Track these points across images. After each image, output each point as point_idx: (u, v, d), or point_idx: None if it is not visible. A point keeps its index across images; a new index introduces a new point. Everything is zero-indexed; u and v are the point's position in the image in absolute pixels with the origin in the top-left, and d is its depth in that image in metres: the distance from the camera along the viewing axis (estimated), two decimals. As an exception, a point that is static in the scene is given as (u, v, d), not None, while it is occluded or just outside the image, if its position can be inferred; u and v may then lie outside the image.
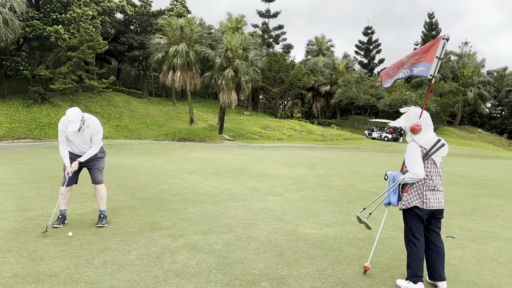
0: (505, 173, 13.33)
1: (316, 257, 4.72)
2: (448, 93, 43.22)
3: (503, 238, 5.77)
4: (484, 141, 44.98)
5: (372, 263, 4.56)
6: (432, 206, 3.84)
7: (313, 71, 51.57)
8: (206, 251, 4.81)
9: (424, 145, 3.89)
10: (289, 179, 10.85)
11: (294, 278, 4.07)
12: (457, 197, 8.82)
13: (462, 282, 4.13)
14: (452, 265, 4.61)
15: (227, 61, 30.89)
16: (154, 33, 37.72)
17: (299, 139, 34.99)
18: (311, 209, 7.29)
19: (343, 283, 4.00)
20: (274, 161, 15.25)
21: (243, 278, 4.05)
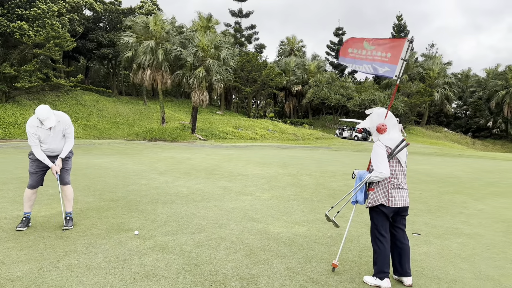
0: (469, 171, 13.83)
1: (286, 255, 4.75)
2: (416, 93, 44.48)
3: (466, 234, 5.98)
4: (450, 140, 46.54)
5: (341, 260, 4.63)
6: (397, 204, 3.94)
7: (285, 71, 51.94)
8: (175, 252, 4.76)
9: (389, 144, 3.99)
10: (261, 178, 10.87)
11: (264, 277, 4.08)
12: (423, 194, 9.09)
13: (426, 277, 4.26)
14: (417, 261, 4.74)
15: (199, 60, 30.67)
16: (124, 30, 37.01)
17: (272, 139, 35.14)
18: (282, 208, 7.34)
19: (312, 281, 4.05)
20: (247, 160, 15.26)
21: (212, 278, 4.03)
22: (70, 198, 5.73)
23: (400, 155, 3.98)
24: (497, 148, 46.91)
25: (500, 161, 20.03)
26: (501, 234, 5.99)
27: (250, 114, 47.12)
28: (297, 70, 52.06)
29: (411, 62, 51.24)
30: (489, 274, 4.38)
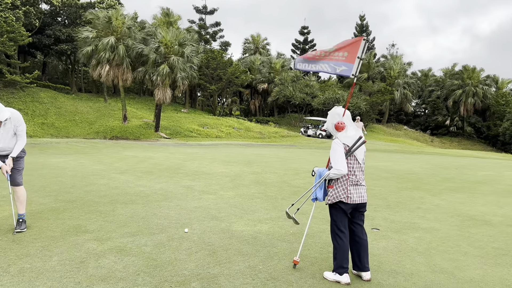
0: (427, 167, 14.34)
1: (248, 254, 4.73)
2: (377, 92, 45.70)
3: (422, 228, 6.18)
4: (409, 138, 48.16)
5: (302, 257, 4.66)
6: (355, 200, 4.01)
7: (250, 69, 52.00)
8: (134, 253, 4.63)
9: (346, 142, 4.05)
10: (226, 177, 10.81)
11: (225, 276, 4.05)
12: (382, 190, 9.33)
13: (384, 271, 4.35)
14: (376, 255, 4.85)
15: (162, 57, 30.13)
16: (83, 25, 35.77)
17: (237, 137, 35.09)
18: (246, 206, 7.32)
19: (274, 278, 4.05)
20: (211, 159, 15.14)
21: (172, 279, 3.95)
22: (23, 200, 5.47)
23: (357, 152, 4.05)
24: (454, 145, 49.01)
25: (456, 157, 20.92)
26: (455, 228, 6.23)
27: (216, 112, 46.85)
28: (263, 68, 52.24)
29: (372, 62, 52.60)
30: (443, 267, 4.53)
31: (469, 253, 5.04)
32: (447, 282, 4.11)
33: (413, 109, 59.96)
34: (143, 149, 19.78)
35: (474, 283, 4.10)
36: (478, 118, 54.58)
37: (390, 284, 4.01)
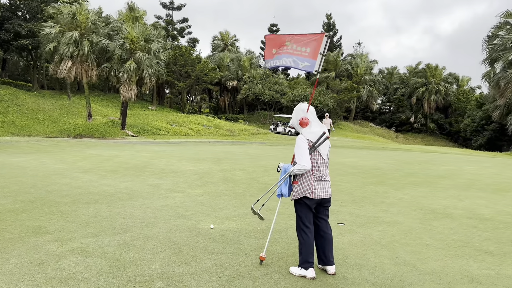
0: (391, 162, 14.71)
1: (215, 251, 4.69)
2: (344, 90, 46.49)
3: (386, 222, 6.32)
4: (375, 134, 49.33)
5: (268, 252, 4.66)
6: (320, 195, 4.05)
7: (219, 66, 51.69)
8: (97, 254, 4.50)
9: (310, 138, 4.08)
10: (194, 174, 10.70)
11: (191, 275, 3.99)
12: (348, 186, 9.49)
13: (349, 265, 4.42)
14: (341, 249, 4.91)
15: (128, 53, 29.45)
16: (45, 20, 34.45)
17: (207, 134, 34.83)
18: (214, 203, 7.26)
19: (240, 275, 4.03)
20: (179, 156, 14.94)
21: (136, 279, 3.86)
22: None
23: (321, 148, 4.09)
24: (418, 141, 50.58)
25: (419, 153, 21.56)
26: (418, 221, 6.41)
27: (185, 110, 46.31)
28: (232, 66, 52.06)
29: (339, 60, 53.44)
30: (406, 259, 4.65)
31: (431, 245, 5.19)
32: (409, 274, 4.21)
33: (379, 106, 61.41)
34: (108, 147, 19.29)
35: (435, 274, 4.22)
36: (440, 115, 56.55)
37: (355, 278, 4.07)
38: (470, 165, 14.64)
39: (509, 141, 37.86)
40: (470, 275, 4.22)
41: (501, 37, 31.20)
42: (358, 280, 4.00)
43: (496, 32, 31.41)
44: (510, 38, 30.36)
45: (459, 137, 51.14)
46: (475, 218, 6.67)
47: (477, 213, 7.06)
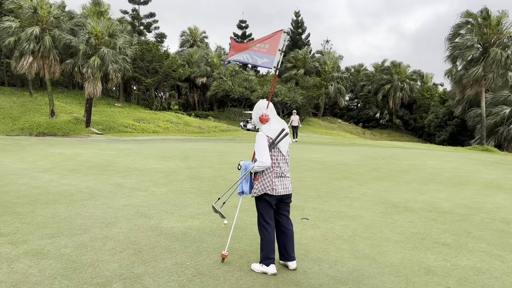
0: (357, 158, 14.98)
1: (177, 250, 4.62)
2: (313, 87, 46.99)
3: (349, 216, 6.42)
4: (343, 130, 50.19)
5: (231, 250, 4.63)
6: (280, 192, 4.06)
7: (188, 62, 51.10)
8: (52, 256, 4.34)
9: (270, 134, 4.08)
10: (160, 172, 10.52)
11: (150, 275, 3.91)
12: (314, 181, 9.59)
13: (310, 260, 4.45)
14: (303, 244, 4.95)
15: (93, 48, 28.63)
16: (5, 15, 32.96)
17: (175, 132, 34.38)
18: (178, 202, 7.16)
19: (200, 273, 3.98)
20: (146, 154, 14.67)
21: (92, 281, 3.74)
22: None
23: (281, 144, 4.09)
24: (384, 137, 51.82)
25: (384, 148, 22.08)
26: (379, 215, 6.54)
27: (153, 107, 45.52)
28: (201, 62, 51.58)
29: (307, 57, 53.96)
30: (366, 253, 4.73)
31: (391, 239, 5.31)
32: (368, 267, 4.29)
33: (347, 103, 62.50)
34: (71, 145, 18.71)
35: (394, 267, 4.31)
36: (405, 111, 58.14)
37: (315, 272, 4.11)
38: (432, 160, 15.11)
39: (471, 136, 39.38)
40: (427, 267, 4.33)
41: (461, 36, 32.34)
42: (318, 275, 4.04)
43: (457, 31, 32.53)
44: (470, 37, 31.51)
45: (423, 132, 52.74)
46: (434, 211, 6.87)
47: (436, 206, 7.29)
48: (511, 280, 4.01)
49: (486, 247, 5.00)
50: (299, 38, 59.82)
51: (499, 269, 4.28)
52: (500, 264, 4.43)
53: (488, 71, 30.62)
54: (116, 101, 45.07)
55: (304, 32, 60.97)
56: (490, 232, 5.66)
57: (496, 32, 31.13)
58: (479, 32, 31.48)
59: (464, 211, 6.92)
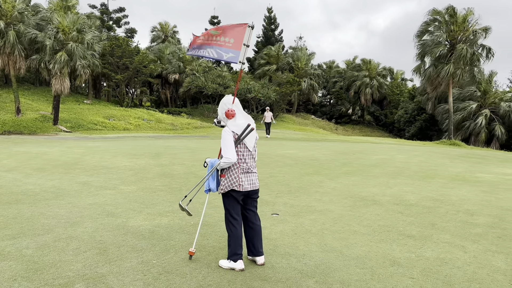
0: (328, 153, 15.17)
1: (143, 249, 4.54)
2: (286, 83, 47.19)
3: (318, 210, 6.48)
4: (317, 126, 50.69)
5: (200, 247, 4.59)
6: (247, 188, 4.05)
7: (160, 58, 50.32)
8: (13, 257, 4.18)
9: (235, 130, 4.06)
10: (129, 170, 10.33)
11: (115, 275, 3.82)
12: (286, 177, 9.63)
13: (279, 254, 4.46)
14: (272, 239, 4.96)
15: (60, 44, 27.77)
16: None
17: (147, 129, 33.84)
18: (147, 200, 7.04)
19: (167, 271, 3.92)
20: (115, 152, 14.37)
21: (54, 282, 3.63)
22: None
23: (247, 140, 4.08)
24: (356, 133, 52.66)
25: (355, 143, 22.45)
26: (348, 209, 6.63)
27: (124, 103, 44.64)
28: (173, 58, 50.88)
29: (281, 53, 54.13)
30: (333, 246, 4.78)
31: (358, 232, 5.39)
32: (335, 260, 4.33)
33: (320, 99, 63.12)
34: (38, 144, 18.12)
35: (360, 259, 4.38)
36: (376, 107, 59.26)
37: (283, 267, 4.12)
38: (401, 154, 15.47)
39: (439, 131, 40.54)
40: (392, 258, 4.42)
41: (430, 33, 33.21)
42: (286, 269, 4.05)
43: (425, 28, 33.37)
44: (438, 34, 32.39)
45: (393, 127, 53.92)
46: (401, 204, 7.03)
47: (403, 199, 7.46)
48: (472, 269, 4.14)
49: (449, 238, 5.15)
50: (272, 34, 59.91)
51: (461, 259, 4.42)
52: (463, 254, 4.57)
53: (456, 68, 31.57)
54: (85, 98, 43.95)
55: (277, 29, 61.12)
56: (454, 224, 5.84)
57: (463, 29, 32.13)
58: (446, 29, 32.42)
59: (430, 204, 7.11)
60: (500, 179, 9.99)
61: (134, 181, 8.81)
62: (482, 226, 5.73)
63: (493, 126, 34.04)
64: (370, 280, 3.83)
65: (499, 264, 4.27)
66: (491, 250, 4.71)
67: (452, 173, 10.72)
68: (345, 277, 3.90)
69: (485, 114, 34.25)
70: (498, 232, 5.45)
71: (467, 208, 6.82)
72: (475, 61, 31.79)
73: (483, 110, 34.93)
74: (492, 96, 35.85)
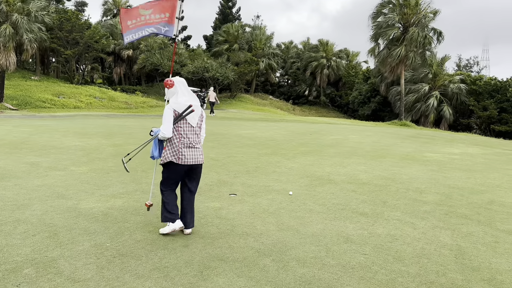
0: (286, 133, 15.33)
1: (96, 232, 4.40)
2: (244, 62, 46.85)
3: (275, 190, 6.55)
4: (274, 107, 50.98)
5: (155, 229, 4.52)
6: (188, 161, 4.25)
7: (112, 34, 48.17)
8: (-48, 244, 3.92)
9: (176, 108, 4.27)
10: (80, 150, 9.92)
11: (66, 258, 3.68)
12: (244, 157, 9.64)
13: (236, 234, 4.48)
14: (230, 219, 4.96)
15: (3, 16, 25.86)
16: None
17: (99, 107, 32.57)
18: (100, 181, 6.81)
19: (121, 254, 3.83)
20: (65, 131, 13.73)
21: (0, 268, 3.44)
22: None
23: (190, 118, 4.29)
24: (313, 113, 53.51)
25: (312, 124, 22.84)
26: (304, 188, 6.76)
27: (74, 80, 42.57)
28: (126, 34, 48.89)
29: (239, 32, 53.49)
30: (290, 225, 4.87)
31: (313, 210, 5.51)
32: (292, 238, 4.42)
33: (278, 79, 63.36)
34: (-20, 122, 16.96)
35: (315, 236, 4.49)
36: (332, 88, 60.32)
37: (240, 246, 4.14)
38: (354, 134, 15.92)
39: (391, 112, 42.02)
40: (345, 235, 4.57)
41: (384, 15, 33.95)
42: (243, 249, 4.08)
43: (380, 10, 34.06)
44: (391, 17, 33.19)
45: (348, 108, 55.27)
46: (354, 183, 7.25)
47: (356, 178, 7.70)
48: (421, 245, 4.36)
49: (400, 215, 5.39)
50: (230, 12, 58.98)
51: (411, 236, 4.64)
52: (412, 231, 4.80)
53: (408, 50, 32.60)
54: (32, 74, 41.47)
55: (235, 6, 60.19)
56: (404, 201, 6.11)
57: (415, 12, 33.09)
58: (399, 12, 33.24)
59: (381, 182, 7.39)
60: (447, 158, 10.55)
61: (86, 162, 8.48)
62: (430, 203, 6.04)
63: (442, 107, 35.75)
64: (325, 257, 3.94)
65: (445, 240, 4.53)
66: (438, 227, 4.98)
67: (402, 153, 11.18)
68: (301, 254, 3.98)
69: (436, 95, 35.84)
70: (445, 209, 5.77)
71: (416, 186, 7.15)
72: (426, 44, 32.96)
73: (433, 92, 36.51)
74: (442, 78, 37.47)
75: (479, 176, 8.24)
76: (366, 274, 3.61)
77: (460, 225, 5.07)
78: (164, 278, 3.40)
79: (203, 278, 3.42)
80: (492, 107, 33.33)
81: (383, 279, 3.52)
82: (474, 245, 4.40)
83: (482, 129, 34.06)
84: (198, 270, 3.56)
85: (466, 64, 66.31)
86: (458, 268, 3.79)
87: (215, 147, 11.00)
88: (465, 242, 4.49)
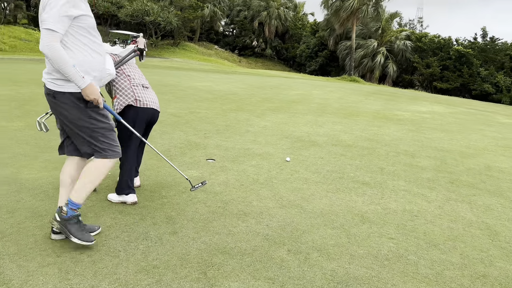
0: (244, 87, 14.32)
1: (48, 214, 3.34)
2: (188, 7, 43.91)
3: (258, 154, 5.71)
4: (220, 57, 49.03)
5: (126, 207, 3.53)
6: (148, 104, 3.56)
7: (38, -34, 42.58)
8: None
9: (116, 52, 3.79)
10: (11, 101, 8.31)
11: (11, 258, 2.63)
12: (208, 113, 8.62)
13: (232, 214, 3.62)
14: (218, 193, 4.08)
15: None
16: None
17: (26, 51, 29.06)
18: (42, 141, 5.58)
19: (89, 250, 2.84)
20: (-11, 77, 11.68)
21: None
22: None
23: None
24: (259, 66, 52.30)
25: (266, 77, 21.92)
26: (288, 152, 5.99)
27: (-6, 19, 37.47)
28: (55, -32, 43.43)
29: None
30: (290, 199, 4.09)
31: (309, 179, 4.77)
32: (299, 218, 3.65)
33: (223, 28, 60.73)
34: None
35: (326, 215, 3.75)
36: (279, 41, 59.09)
37: (243, 231, 3.30)
38: (316, 90, 15.31)
39: (337, 67, 42.07)
40: (359, 213, 3.88)
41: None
42: (247, 235, 3.24)
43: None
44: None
45: (294, 62, 54.69)
46: (339, 145, 6.61)
47: (339, 139, 7.06)
48: (446, 224, 3.79)
49: (405, 185, 4.82)
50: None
51: (429, 211, 4.07)
52: (427, 205, 4.24)
53: (361, 3, 32.08)
54: None
55: None
56: (401, 167, 5.57)
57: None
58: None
59: (367, 144, 6.82)
60: (418, 117, 10.28)
61: (20, 116, 7.02)
62: (429, 170, 5.55)
63: (387, 64, 36.26)
64: (348, 244, 3.23)
65: (468, 216, 4.01)
66: (452, 199, 4.47)
67: (372, 111, 10.75)
68: (319, 241, 3.24)
69: (383, 52, 36.15)
70: (447, 176, 5.30)
71: (404, 149, 6.67)
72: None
73: (380, 48, 36.78)
74: (389, 35, 37.75)
75: (460, 138, 7.99)
76: (406, 267, 2.95)
77: (472, 196, 4.60)
78: (156, 285, 2.49)
79: (209, 284, 2.55)
80: (435, 64, 34.29)
81: (429, 273, 2.89)
82: (501, 222, 3.92)
83: (424, 86, 35.22)
84: (200, 271, 2.69)
85: (407, 22, 67.77)
86: (501, 254, 3.26)
87: (171, 101, 9.80)
88: (489, 218, 4.00)
